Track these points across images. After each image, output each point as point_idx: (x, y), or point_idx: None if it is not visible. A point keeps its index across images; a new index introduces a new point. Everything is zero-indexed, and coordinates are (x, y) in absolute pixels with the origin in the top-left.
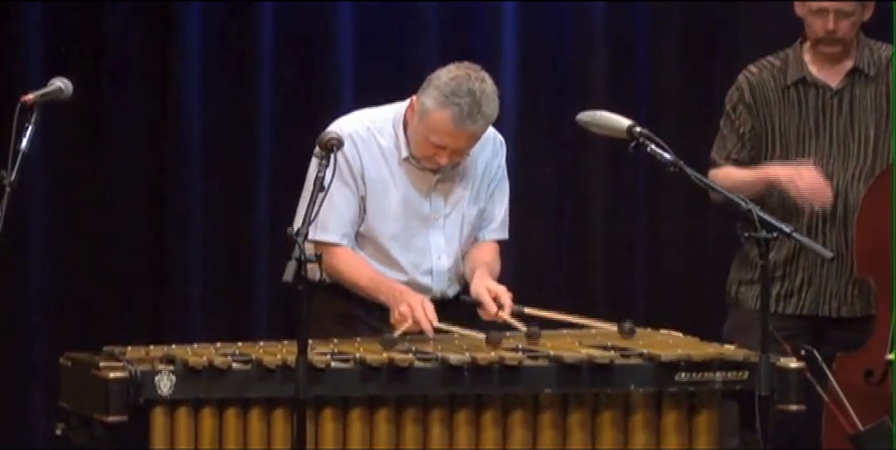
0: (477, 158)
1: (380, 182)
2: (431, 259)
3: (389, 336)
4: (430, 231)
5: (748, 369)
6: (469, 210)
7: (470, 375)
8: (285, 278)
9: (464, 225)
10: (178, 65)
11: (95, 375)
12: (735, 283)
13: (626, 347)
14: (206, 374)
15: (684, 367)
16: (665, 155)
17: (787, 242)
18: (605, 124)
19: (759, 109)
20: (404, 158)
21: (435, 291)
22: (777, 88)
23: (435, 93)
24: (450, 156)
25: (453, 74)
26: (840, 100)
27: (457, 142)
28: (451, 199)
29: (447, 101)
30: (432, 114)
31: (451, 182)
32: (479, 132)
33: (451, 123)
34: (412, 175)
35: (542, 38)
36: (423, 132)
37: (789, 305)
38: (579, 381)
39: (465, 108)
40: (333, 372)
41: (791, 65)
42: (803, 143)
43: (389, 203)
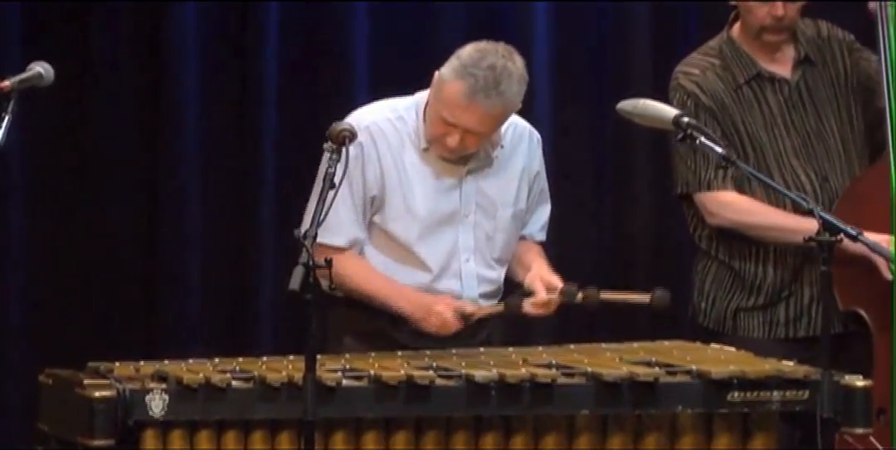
0: (512, 154)
1: (401, 176)
2: (459, 261)
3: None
4: (459, 229)
5: (809, 388)
6: (503, 212)
7: (497, 394)
8: (292, 286)
9: (497, 229)
10: (172, 53)
11: (79, 394)
12: (729, 311)
13: (672, 363)
14: (202, 393)
15: (737, 385)
16: (716, 148)
17: (788, 257)
18: (649, 114)
19: (720, 113)
20: (424, 149)
21: (465, 297)
22: (728, 89)
23: (455, 62)
24: (461, 138)
25: (480, 47)
26: (800, 93)
27: (468, 119)
28: (483, 195)
29: (464, 72)
30: (447, 84)
31: (483, 177)
32: (493, 113)
33: (464, 95)
34: (438, 166)
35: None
36: (435, 106)
37: (800, 328)
38: (620, 401)
39: (481, 81)
40: (345, 391)
41: (733, 61)
42: (777, 142)
43: (413, 198)
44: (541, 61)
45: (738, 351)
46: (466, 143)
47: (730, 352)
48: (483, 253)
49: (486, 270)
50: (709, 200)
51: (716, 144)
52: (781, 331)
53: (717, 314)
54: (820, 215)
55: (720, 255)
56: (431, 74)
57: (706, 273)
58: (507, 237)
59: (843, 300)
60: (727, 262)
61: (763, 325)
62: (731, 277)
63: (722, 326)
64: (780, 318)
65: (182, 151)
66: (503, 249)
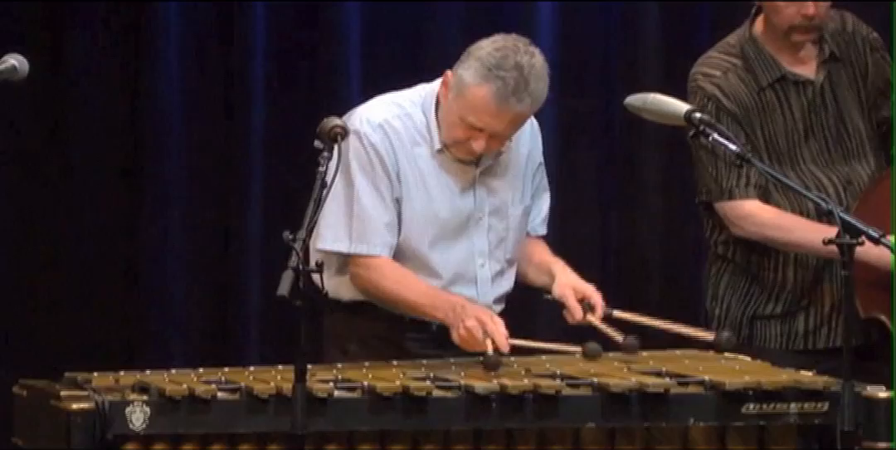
0: (518, 147)
1: (415, 178)
2: (474, 266)
3: (493, 356)
4: (474, 233)
5: (829, 400)
6: (514, 211)
7: (498, 406)
8: (280, 292)
9: (510, 228)
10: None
11: (55, 406)
12: (745, 318)
13: (684, 373)
14: (185, 405)
15: (753, 397)
16: (730, 146)
17: (809, 264)
18: (659, 109)
19: (742, 118)
20: (438, 150)
21: (480, 304)
22: (751, 92)
23: (476, 64)
24: (487, 142)
25: (499, 45)
26: (823, 94)
27: (498, 124)
28: (497, 196)
29: (490, 75)
30: (471, 89)
31: (496, 176)
32: (524, 114)
33: (494, 100)
34: (450, 168)
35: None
36: (458, 111)
37: (820, 339)
38: (628, 413)
39: (510, 83)
40: (337, 403)
41: (756, 61)
42: (794, 150)
43: (426, 202)
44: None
45: (753, 361)
46: (492, 146)
47: (745, 361)
48: (497, 256)
49: (499, 273)
50: (730, 209)
51: (730, 142)
52: (800, 342)
53: (731, 322)
54: (840, 217)
55: (737, 258)
56: (426, 75)
57: (720, 277)
58: (518, 236)
59: (864, 307)
60: (745, 266)
61: (781, 335)
62: (747, 283)
63: (737, 335)
64: (799, 328)
65: (164, 153)
66: (514, 249)
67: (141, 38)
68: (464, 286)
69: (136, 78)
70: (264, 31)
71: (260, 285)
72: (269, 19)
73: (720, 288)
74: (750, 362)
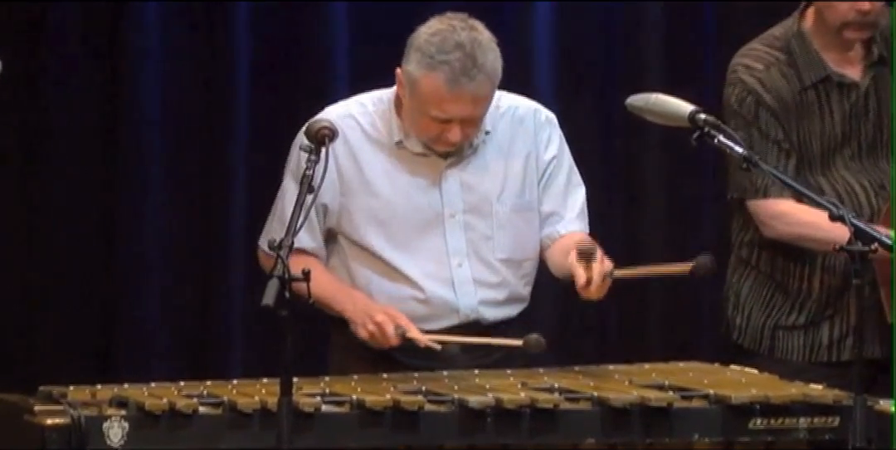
0: (510, 145)
1: (370, 178)
2: (450, 266)
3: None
4: (447, 231)
5: (839, 414)
6: (501, 207)
7: (494, 421)
8: (265, 302)
9: (496, 226)
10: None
11: (29, 421)
12: (767, 328)
13: (688, 386)
14: (166, 420)
15: (760, 411)
16: (736, 148)
17: (836, 272)
18: (662, 110)
19: (781, 115)
20: (397, 143)
21: (463, 309)
22: (792, 90)
23: (417, 55)
24: (462, 128)
25: (434, 29)
26: (867, 99)
27: (461, 109)
28: (470, 193)
29: (433, 62)
30: (421, 81)
31: (469, 170)
32: (483, 91)
33: (445, 86)
34: (412, 164)
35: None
36: (418, 107)
37: (844, 351)
38: (630, 428)
39: (456, 65)
40: (324, 418)
41: (801, 58)
42: (828, 155)
43: (386, 202)
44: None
45: (760, 373)
46: (468, 131)
47: (751, 374)
48: (482, 255)
49: (487, 275)
50: (763, 209)
51: (736, 144)
52: (824, 354)
53: (753, 331)
54: (852, 223)
55: (761, 265)
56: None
57: (741, 284)
58: (514, 234)
59: (890, 312)
60: (769, 273)
61: (804, 347)
62: (771, 291)
63: (758, 345)
64: (823, 339)
65: (143, 156)
66: (512, 248)
67: (120, 38)
68: (440, 287)
69: (114, 78)
70: (247, 32)
71: (244, 294)
72: (252, 20)
73: (741, 296)
74: (757, 375)
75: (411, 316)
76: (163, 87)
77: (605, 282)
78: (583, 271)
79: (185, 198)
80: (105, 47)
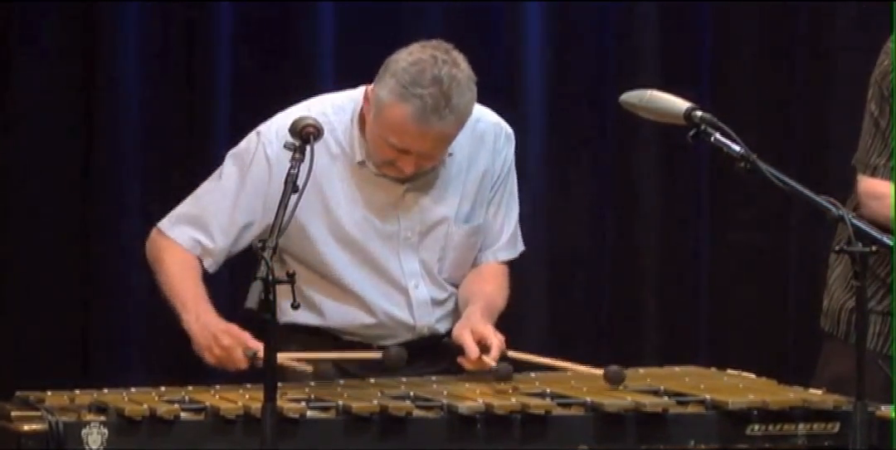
0: (469, 163)
1: (330, 196)
2: (407, 288)
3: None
4: (402, 254)
5: (840, 420)
6: (457, 229)
7: (484, 427)
8: (248, 304)
9: (448, 247)
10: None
11: (5, 427)
12: (846, 311)
13: (683, 392)
14: (146, 426)
15: (758, 417)
16: (734, 146)
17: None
18: (657, 107)
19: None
20: (359, 162)
21: (420, 326)
22: None
23: (391, 82)
24: (416, 162)
25: (415, 58)
26: None
27: (421, 145)
28: (429, 215)
29: (406, 93)
30: (389, 109)
31: (428, 192)
32: (448, 132)
33: (412, 120)
34: (372, 184)
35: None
36: (379, 131)
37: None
38: (623, 435)
39: (428, 101)
40: (310, 423)
41: None
42: None
43: (344, 222)
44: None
45: (758, 378)
46: (422, 165)
47: (749, 379)
48: (433, 275)
49: (438, 293)
50: (867, 186)
51: (733, 142)
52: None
53: (832, 313)
54: (851, 223)
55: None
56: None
57: (838, 263)
58: (459, 256)
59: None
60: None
61: (879, 335)
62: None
63: (836, 328)
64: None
65: (119, 161)
66: (453, 268)
67: (98, 38)
68: (395, 308)
69: (93, 78)
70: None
71: (225, 296)
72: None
73: (832, 277)
74: (755, 380)
75: (363, 335)
76: (142, 89)
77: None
78: (477, 352)
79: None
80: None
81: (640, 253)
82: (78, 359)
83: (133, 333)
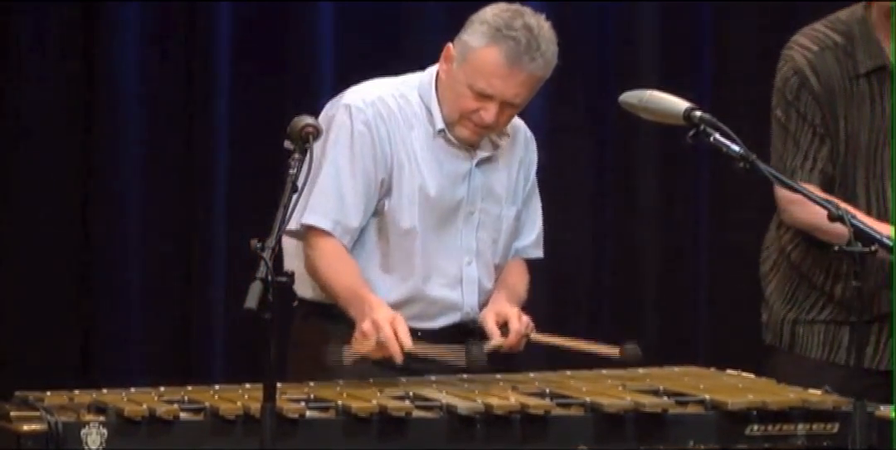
0: (513, 145)
1: (407, 160)
2: (461, 264)
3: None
4: (463, 227)
5: (839, 420)
6: (507, 211)
7: (483, 427)
8: (248, 304)
9: (501, 229)
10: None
11: (5, 427)
12: (788, 322)
13: (683, 392)
14: (146, 426)
15: (757, 417)
16: (733, 146)
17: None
18: (657, 107)
19: (826, 101)
20: (439, 131)
21: (466, 308)
22: (844, 77)
23: (482, 28)
24: (499, 110)
25: (504, 7)
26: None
27: (509, 87)
28: (490, 191)
29: (499, 35)
30: (480, 52)
31: (490, 171)
32: (536, 76)
33: (506, 59)
34: (447, 154)
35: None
36: (465, 80)
37: (864, 357)
38: (623, 435)
39: (522, 41)
40: (309, 424)
41: (860, 44)
42: (874, 151)
43: (419, 188)
44: None
45: (759, 378)
46: (501, 117)
47: (749, 379)
48: (486, 258)
49: (485, 277)
50: (784, 192)
51: (733, 142)
52: (843, 355)
53: (774, 325)
54: (851, 223)
55: (794, 255)
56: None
57: (773, 276)
58: (509, 240)
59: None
60: (798, 264)
61: (824, 345)
62: (795, 284)
63: (779, 340)
64: (843, 340)
65: (120, 160)
66: (504, 253)
67: (98, 37)
68: (446, 285)
69: (92, 77)
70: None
71: (225, 296)
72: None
73: (769, 288)
74: (754, 380)
75: (410, 314)
76: (142, 86)
77: (520, 342)
78: (499, 335)
79: (164, 199)
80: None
81: (640, 253)
82: (78, 359)
83: (133, 333)
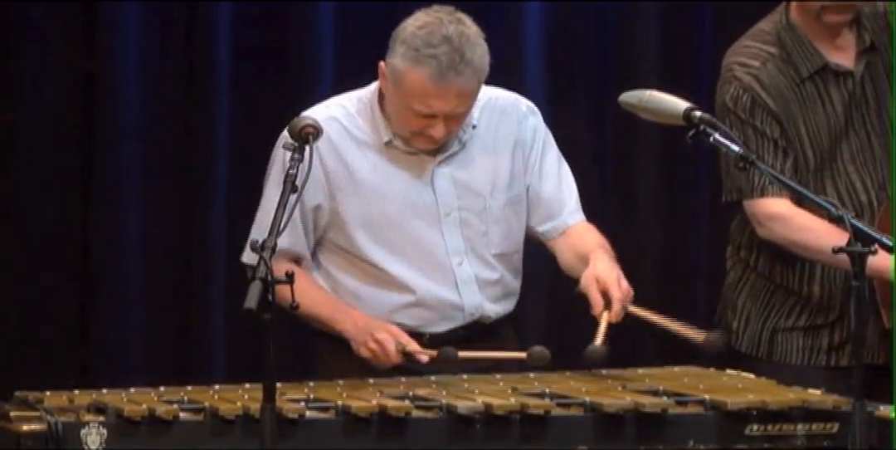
0: (496, 137)
1: (361, 180)
2: (450, 266)
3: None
4: (445, 231)
5: (839, 420)
6: (494, 201)
7: (483, 427)
8: (248, 305)
9: (489, 221)
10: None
11: (5, 427)
12: (767, 331)
13: (683, 392)
14: (145, 426)
15: (757, 417)
16: (733, 146)
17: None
18: (657, 107)
19: (782, 113)
20: (386, 143)
21: (468, 308)
22: (791, 84)
23: (402, 49)
24: (445, 124)
25: (421, 22)
26: (863, 87)
27: (445, 104)
28: (464, 188)
29: (419, 56)
30: (406, 75)
31: (459, 166)
32: (469, 87)
33: (431, 80)
34: (403, 163)
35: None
36: (402, 102)
37: (844, 357)
38: (622, 435)
39: (443, 59)
40: (309, 424)
41: (795, 50)
42: (836, 146)
43: (379, 204)
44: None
45: (758, 378)
46: (451, 128)
47: (748, 379)
48: (479, 252)
49: (486, 271)
50: (760, 208)
51: (732, 143)
52: (824, 358)
53: (750, 335)
54: (851, 224)
55: (760, 267)
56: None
57: (741, 287)
58: (506, 228)
59: (887, 317)
60: (768, 275)
61: (803, 350)
62: (769, 294)
63: (756, 349)
64: (822, 343)
65: (119, 165)
66: (502, 242)
67: (98, 38)
68: (441, 289)
69: (93, 77)
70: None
71: (225, 296)
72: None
73: (740, 299)
74: (754, 380)
75: (410, 322)
76: (141, 90)
77: (622, 311)
78: (601, 304)
79: (164, 199)
80: (82, 47)
81: (641, 253)
82: (77, 359)
83: (133, 333)
